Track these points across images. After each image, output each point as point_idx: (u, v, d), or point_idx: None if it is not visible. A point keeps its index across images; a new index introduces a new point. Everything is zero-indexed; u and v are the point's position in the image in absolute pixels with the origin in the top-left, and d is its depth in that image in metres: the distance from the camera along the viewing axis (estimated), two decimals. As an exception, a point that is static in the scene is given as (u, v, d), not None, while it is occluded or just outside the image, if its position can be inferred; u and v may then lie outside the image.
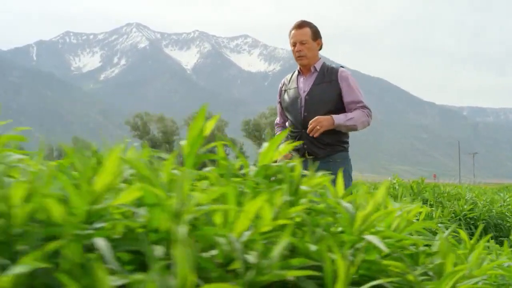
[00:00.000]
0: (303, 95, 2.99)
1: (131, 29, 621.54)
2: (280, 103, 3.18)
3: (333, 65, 3.07)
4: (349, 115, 2.85)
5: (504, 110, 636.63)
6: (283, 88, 3.18)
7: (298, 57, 2.99)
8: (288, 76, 3.20)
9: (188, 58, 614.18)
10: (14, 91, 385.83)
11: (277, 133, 3.22)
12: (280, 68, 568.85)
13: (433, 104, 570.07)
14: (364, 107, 2.93)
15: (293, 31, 3.00)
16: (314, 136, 2.77)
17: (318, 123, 2.75)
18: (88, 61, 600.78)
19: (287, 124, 3.12)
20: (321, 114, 2.85)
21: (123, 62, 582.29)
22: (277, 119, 3.30)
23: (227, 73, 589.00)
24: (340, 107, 2.92)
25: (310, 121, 2.78)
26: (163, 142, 67.27)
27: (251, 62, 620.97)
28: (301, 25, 2.98)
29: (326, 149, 2.89)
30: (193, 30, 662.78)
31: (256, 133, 61.88)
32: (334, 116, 2.80)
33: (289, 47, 3.09)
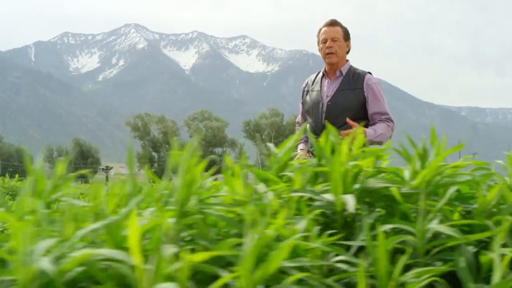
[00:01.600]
0: (325, 100, 2.87)
1: (129, 29, 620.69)
2: (302, 104, 3.08)
3: (359, 70, 2.93)
4: (378, 130, 2.74)
5: (502, 110, 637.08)
6: (305, 89, 3.07)
7: (328, 53, 2.85)
8: (312, 77, 3.07)
9: (186, 59, 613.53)
10: (13, 91, 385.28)
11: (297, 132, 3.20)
12: (279, 69, 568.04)
13: (432, 104, 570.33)
14: (389, 119, 2.84)
15: (324, 28, 2.88)
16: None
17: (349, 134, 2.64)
18: (87, 62, 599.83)
19: (307, 126, 2.99)
20: (341, 122, 2.70)
21: (121, 62, 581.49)
22: (299, 118, 3.22)
23: (226, 73, 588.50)
24: (361, 116, 2.80)
25: (350, 132, 2.60)
26: (164, 143, 67.15)
27: (249, 63, 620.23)
28: (334, 23, 2.88)
29: None
30: (191, 31, 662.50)
31: (256, 134, 61.96)
32: (366, 130, 2.67)
33: (287, 48, 3.04)
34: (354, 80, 2.86)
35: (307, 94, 3.03)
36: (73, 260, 0.58)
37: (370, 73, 2.93)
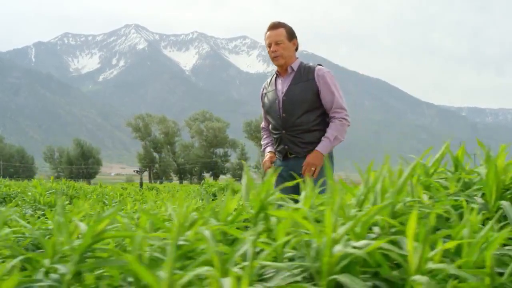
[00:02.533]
0: (280, 96, 2.98)
1: (129, 30, 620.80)
2: (263, 107, 3.17)
3: (310, 64, 3.03)
4: (331, 134, 2.85)
5: (502, 111, 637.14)
6: (263, 92, 3.17)
7: (274, 57, 2.96)
8: (268, 80, 3.18)
9: (186, 59, 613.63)
10: (13, 92, 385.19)
11: (263, 137, 3.27)
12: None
13: (432, 104, 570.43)
14: (341, 108, 2.91)
15: (268, 33, 2.97)
16: (314, 176, 2.80)
17: (312, 166, 2.81)
18: (87, 63, 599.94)
19: (270, 127, 3.12)
20: (298, 114, 2.89)
21: (121, 63, 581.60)
22: (263, 123, 3.30)
23: (226, 74, 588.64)
24: (317, 106, 2.91)
25: (303, 168, 2.83)
26: (165, 143, 67.11)
27: (249, 63, 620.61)
28: (276, 26, 2.96)
29: (307, 148, 2.89)
30: (191, 31, 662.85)
31: (258, 134, 61.93)
32: (320, 149, 2.83)
33: None
34: (306, 73, 2.97)
35: (265, 96, 3.14)
36: (367, 247, 0.71)
37: (320, 65, 3.04)
